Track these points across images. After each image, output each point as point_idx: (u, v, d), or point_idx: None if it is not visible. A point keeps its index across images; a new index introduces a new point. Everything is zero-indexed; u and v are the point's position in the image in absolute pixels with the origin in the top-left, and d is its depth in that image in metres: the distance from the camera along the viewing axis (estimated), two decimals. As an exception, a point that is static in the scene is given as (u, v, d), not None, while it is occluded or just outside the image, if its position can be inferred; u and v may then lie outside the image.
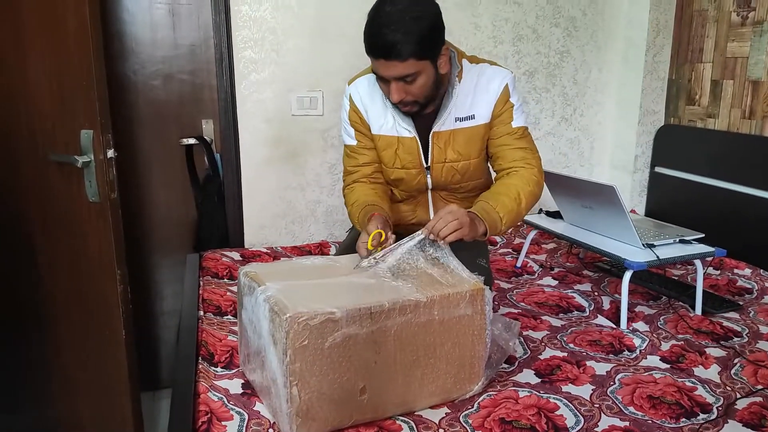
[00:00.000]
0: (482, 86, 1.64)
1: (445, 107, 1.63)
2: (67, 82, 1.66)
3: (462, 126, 1.65)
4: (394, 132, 1.68)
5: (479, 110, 1.65)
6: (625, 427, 1.27)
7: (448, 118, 1.64)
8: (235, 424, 1.26)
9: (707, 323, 1.79)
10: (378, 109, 1.68)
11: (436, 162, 1.69)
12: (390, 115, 1.66)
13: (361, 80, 1.72)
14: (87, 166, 1.66)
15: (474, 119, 1.65)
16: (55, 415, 2.02)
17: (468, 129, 1.66)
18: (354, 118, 1.72)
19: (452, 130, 1.65)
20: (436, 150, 1.67)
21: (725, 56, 2.55)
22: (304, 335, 1.16)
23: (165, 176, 2.54)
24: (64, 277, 1.85)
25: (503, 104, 1.65)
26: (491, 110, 1.65)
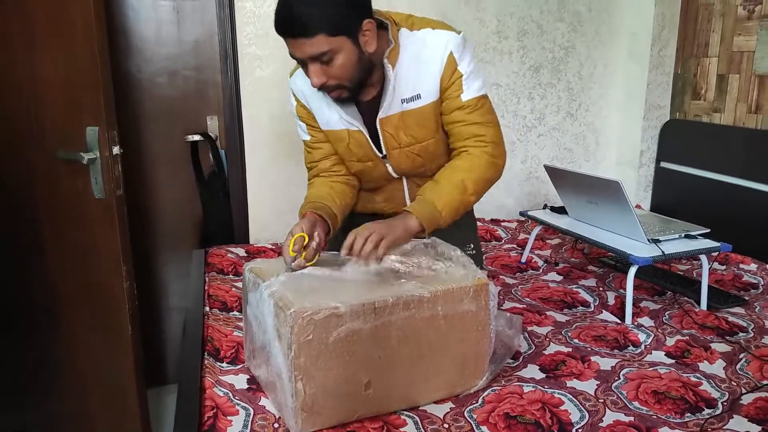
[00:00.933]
0: (425, 59, 1.44)
1: (385, 90, 1.45)
2: (73, 79, 1.67)
3: (409, 108, 1.47)
4: (342, 125, 1.52)
5: (425, 87, 1.46)
6: (629, 422, 1.27)
7: (393, 101, 1.46)
8: (241, 419, 1.26)
9: (712, 318, 1.78)
10: (320, 102, 1.53)
11: (391, 149, 1.53)
12: (333, 110, 1.50)
13: (298, 73, 1.55)
14: (93, 163, 1.67)
15: (420, 99, 1.47)
16: (62, 411, 2.04)
17: (416, 110, 1.48)
18: (301, 113, 1.60)
19: (400, 113, 1.48)
20: (387, 137, 1.51)
21: (731, 50, 2.53)
22: (308, 330, 1.16)
23: (170, 173, 2.55)
24: (71, 274, 1.86)
25: (450, 76, 1.45)
26: (438, 86, 1.46)
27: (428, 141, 1.52)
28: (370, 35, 1.37)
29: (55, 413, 2.05)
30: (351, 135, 1.53)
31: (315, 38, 1.30)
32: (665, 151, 2.83)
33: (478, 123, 1.49)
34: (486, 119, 1.50)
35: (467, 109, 1.48)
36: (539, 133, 2.87)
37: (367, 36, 1.37)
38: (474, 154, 1.48)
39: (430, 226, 1.41)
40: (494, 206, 2.87)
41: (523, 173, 2.90)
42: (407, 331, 1.26)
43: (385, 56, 1.42)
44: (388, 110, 1.48)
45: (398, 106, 1.48)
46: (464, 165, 1.48)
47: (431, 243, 1.43)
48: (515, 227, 2.69)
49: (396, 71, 1.44)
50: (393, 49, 1.43)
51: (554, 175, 2.12)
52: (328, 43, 1.31)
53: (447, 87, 1.46)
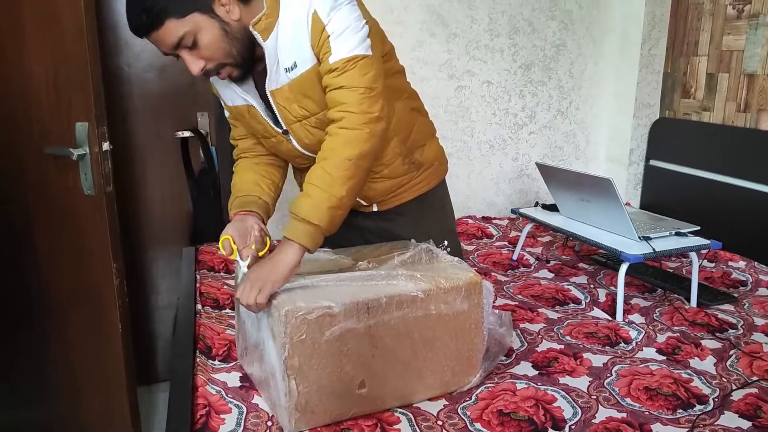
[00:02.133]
0: (291, 25, 1.30)
1: (267, 61, 1.34)
2: (62, 74, 1.65)
3: (293, 77, 1.35)
4: (241, 101, 1.44)
5: (299, 54, 1.32)
6: (622, 418, 1.28)
7: (277, 71, 1.35)
8: (234, 417, 1.25)
9: (702, 315, 1.80)
10: (221, 83, 1.44)
11: (289, 124, 1.42)
12: (232, 88, 1.42)
13: None
14: (82, 159, 1.66)
15: (297, 67, 1.33)
16: (52, 409, 2.02)
17: (297, 80, 1.34)
18: (213, 90, 1.54)
19: (288, 84, 1.36)
20: (282, 111, 1.40)
21: (721, 49, 2.55)
22: (302, 329, 1.16)
23: (160, 169, 2.52)
24: (61, 271, 1.84)
25: (318, 38, 1.29)
26: (310, 51, 1.31)
27: (322, 112, 1.37)
28: (228, 2, 1.27)
29: (45, 411, 2.03)
30: (249, 111, 1.44)
31: (165, 26, 1.22)
32: (655, 149, 2.85)
33: (342, 87, 1.29)
34: (353, 83, 1.28)
35: (334, 72, 1.29)
36: (530, 131, 2.88)
37: (225, 4, 1.26)
38: (334, 135, 1.29)
39: (314, 242, 1.26)
40: (485, 204, 2.88)
41: (514, 171, 2.91)
42: (401, 330, 1.26)
43: (251, 25, 1.30)
44: (276, 83, 1.37)
45: (284, 77, 1.35)
46: (323, 152, 1.29)
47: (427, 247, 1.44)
48: (506, 225, 2.70)
49: (274, 38, 1.31)
50: (265, 14, 1.30)
51: (546, 172, 2.12)
52: (181, 25, 1.23)
53: (318, 51, 1.31)
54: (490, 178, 2.87)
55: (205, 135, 2.52)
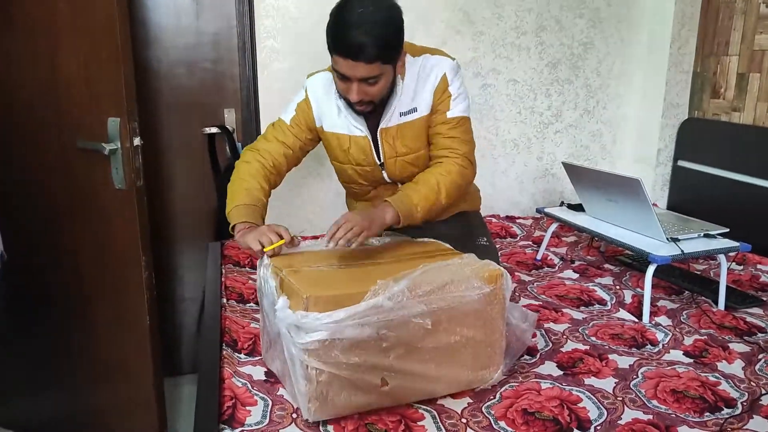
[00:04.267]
0: (422, 78, 1.63)
1: (389, 104, 1.61)
2: (95, 70, 1.68)
3: (406, 120, 1.64)
4: (346, 131, 1.67)
5: (420, 103, 1.64)
6: (648, 420, 1.27)
7: (393, 114, 1.63)
8: (260, 409, 1.27)
9: (730, 318, 1.77)
10: (332, 107, 1.66)
11: (388, 158, 1.68)
12: (342, 116, 1.65)
13: (318, 77, 1.70)
14: (114, 154, 1.68)
15: (416, 112, 1.64)
16: (79, 399, 2.06)
17: (411, 122, 1.64)
18: (302, 108, 1.70)
19: (398, 125, 1.64)
20: (386, 146, 1.66)
21: (752, 49, 2.51)
22: None
23: (187, 164, 2.55)
24: (91, 263, 1.88)
25: (441, 94, 1.63)
26: (431, 101, 1.64)
27: (421, 152, 1.68)
28: (401, 62, 1.57)
29: (72, 402, 2.07)
30: (353, 141, 1.67)
31: (372, 65, 1.45)
32: (683, 149, 2.81)
33: (454, 138, 1.65)
34: (464, 137, 1.67)
35: (449, 124, 1.64)
36: (556, 130, 2.86)
37: (400, 62, 1.56)
38: (447, 163, 1.63)
39: (406, 218, 1.53)
40: (509, 203, 2.87)
41: (539, 170, 2.89)
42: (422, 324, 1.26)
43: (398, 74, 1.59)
44: (389, 122, 1.64)
45: (397, 119, 1.64)
46: (438, 170, 1.62)
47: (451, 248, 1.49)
48: (530, 224, 2.68)
49: (400, 89, 1.60)
50: (402, 66, 1.60)
51: (572, 172, 2.11)
52: (379, 69, 1.47)
53: (438, 103, 1.64)
54: (515, 177, 2.86)
55: (232, 131, 2.54)
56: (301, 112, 1.70)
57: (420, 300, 1.24)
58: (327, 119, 1.68)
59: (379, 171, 1.71)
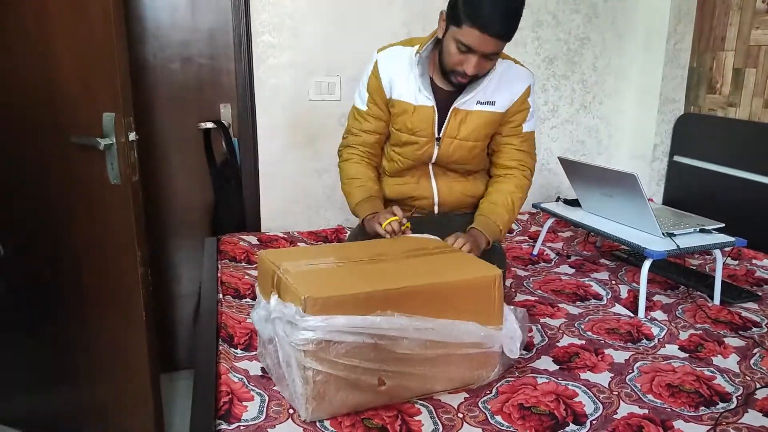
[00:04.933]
0: (506, 80, 1.70)
1: (472, 88, 1.67)
2: (89, 64, 1.67)
3: (481, 109, 1.70)
4: (413, 99, 1.71)
5: (500, 98, 1.71)
6: (644, 414, 1.27)
7: (473, 98, 1.68)
8: (256, 405, 1.27)
9: (726, 313, 1.78)
10: (403, 77, 1.71)
11: (447, 135, 1.73)
12: (412, 84, 1.70)
13: (391, 50, 1.75)
14: (109, 149, 1.68)
15: (494, 105, 1.71)
16: (75, 395, 2.06)
17: (486, 113, 1.71)
18: (373, 84, 1.75)
19: (471, 110, 1.70)
20: (451, 124, 1.71)
21: (748, 44, 2.51)
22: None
23: (183, 160, 2.55)
24: (86, 259, 1.87)
25: (521, 103, 1.73)
26: (509, 105, 1.72)
27: (479, 143, 1.75)
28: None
29: (69, 397, 2.07)
30: (417, 110, 1.71)
31: (503, 41, 1.52)
32: (679, 145, 2.81)
33: (526, 152, 1.80)
34: (532, 151, 1.83)
35: (522, 137, 1.77)
36: (552, 125, 2.86)
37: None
38: (519, 180, 1.78)
39: (494, 240, 1.71)
40: (505, 198, 2.87)
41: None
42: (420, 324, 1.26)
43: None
44: (464, 104, 1.69)
45: (472, 104, 1.70)
46: (512, 189, 1.77)
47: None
48: (527, 219, 2.69)
49: (487, 77, 1.66)
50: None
51: (568, 167, 2.11)
52: (503, 45, 1.54)
53: (515, 111, 1.74)
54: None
55: (228, 126, 2.54)
56: (374, 91, 1.75)
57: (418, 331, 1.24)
58: (397, 88, 1.72)
59: (432, 147, 1.75)
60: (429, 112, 1.71)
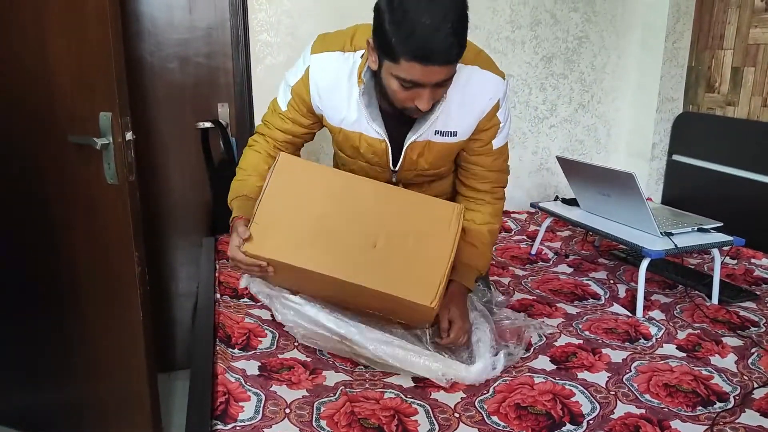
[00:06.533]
0: (469, 98, 1.42)
1: (426, 117, 1.39)
2: (86, 63, 1.66)
3: (439, 140, 1.46)
4: (358, 128, 1.45)
5: (462, 126, 1.46)
6: (641, 414, 1.27)
7: (429, 129, 1.42)
8: (253, 405, 1.27)
9: (724, 312, 1.78)
10: (341, 99, 1.43)
11: (405, 169, 1.52)
12: (354, 110, 1.42)
13: (327, 57, 1.43)
14: (106, 148, 1.67)
15: (455, 136, 1.46)
16: (73, 395, 2.05)
17: (445, 145, 1.47)
18: (300, 92, 1.48)
19: (429, 141, 1.45)
20: (407, 158, 1.48)
21: (747, 43, 2.51)
22: None
23: (180, 159, 2.54)
24: (83, 258, 1.87)
25: (489, 121, 1.47)
26: (475, 126, 1.47)
27: (441, 170, 1.57)
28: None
29: (66, 397, 2.07)
30: (364, 140, 1.47)
31: (452, 66, 1.24)
32: (678, 144, 2.81)
33: (500, 171, 1.58)
34: (506, 167, 1.60)
35: (494, 155, 1.54)
36: (551, 125, 2.86)
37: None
38: (492, 203, 1.59)
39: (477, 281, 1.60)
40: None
41: (533, 164, 2.89)
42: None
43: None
44: (420, 135, 1.43)
45: (430, 134, 1.44)
46: (486, 218, 1.57)
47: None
48: (525, 219, 2.68)
49: (442, 104, 1.38)
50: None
51: (566, 166, 2.10)
52: (454, 69, 1.26)
53: (482, 130, 1.49)
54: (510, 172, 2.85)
55: (225, 126, 2.53)
56: (299, 100, 1.49)
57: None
58: (333, 113, 1.46)
59: (388, 174, 1.54)
60: (381, 147, 1.47)
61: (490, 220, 1.57)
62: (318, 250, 1.33)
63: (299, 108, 1.51)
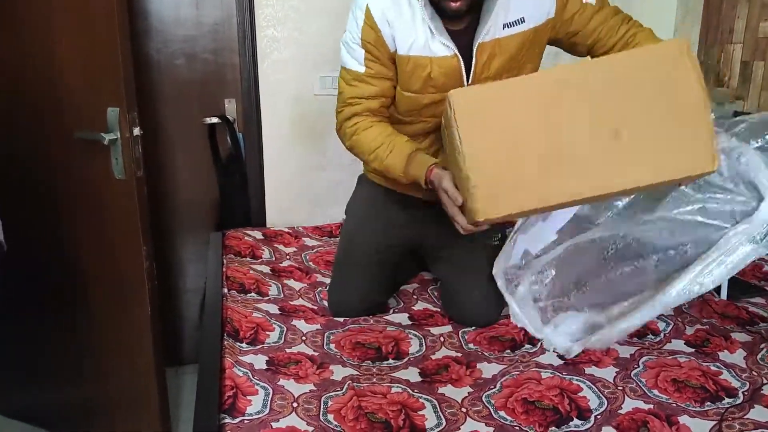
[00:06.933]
0: None
1: (488, 11, 1.36)
2: (94, 59, 1.67)
3: (510, 33, 1.40)
4: (428, 51, 1.41)
5: (527, 8, 1.39)
6: (649, 409, 1.27)
7: (494, 24, 1.38)
8: (260, 399, 1.27)
9: (732, 308, 1.76)
10: (406, 23, 1.40)
11: (478, 79, 1.43)
12: (421, 30, 1.39)
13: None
14: (113, 144, 1.68)
15: (524, 23, 1.40)
16: (81, 390, 2.07)
17: (516, 36, 1.40)
18: (370, 38, 1.43)
19: (497, 40, 1.40)
20: (479, 65, 1.41)
21: (757, 36, 2.48)
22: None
23: (187, 155, 2.55)
24: (91, 254, 1.88)
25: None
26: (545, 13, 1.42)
27: (523, 71, 1.45)
28: None
29: (74, 392, 2.08)
30: (435, 63, 1.42)
31: None
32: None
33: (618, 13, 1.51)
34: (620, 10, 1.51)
35: (598, 7, 1.47)
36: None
37: None
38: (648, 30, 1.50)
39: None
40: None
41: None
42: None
43: None
44: (487, 34, 1.39)
45: (498, 31, 1.40)
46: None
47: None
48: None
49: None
50: None
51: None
52: None
53: (562, 6, 1.43)
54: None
55: (233, 121, 2.54)
56: (371, 46, 1.44)
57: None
58: (402, 40, 1.42)
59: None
60: (453, 63, 1.41)
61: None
62: (560, 176, 1.14)
63: (379, 57, 1.46)
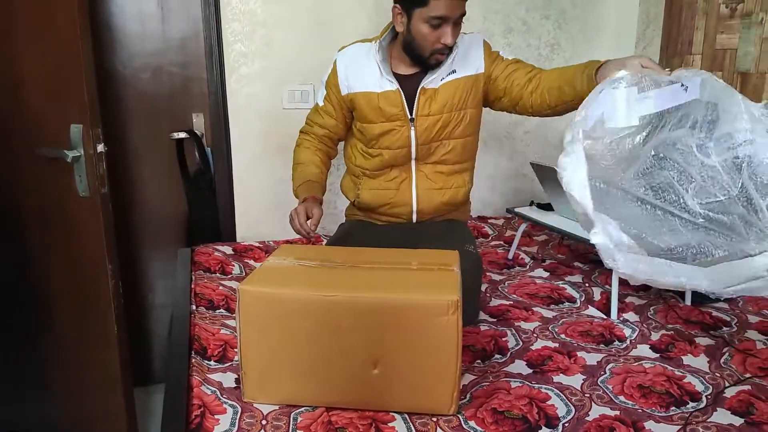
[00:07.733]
0: (462, 52, 1.81)
1: (433, 72, 1.78)
2: (56, 75, 1.65)
3: (445, 81, 1.79)
4: (376, 87, 1.81)
5: (461, 68, 1.80)
6: (615, 416, 1.28)
7: (437, 77, 1.78)
8: (228, 417, 1.26)
9: (697, 313, 1.80)
10: (362, 68, 1.82)
11: (420, 114, 1.81)
12: (374, 72, 1.80)
13: (350, 47, 1.88)
14: (77, 161, 1.66)
15: (455, 73, 1.80)
16: (49, 410, 2.02)
17: (450, 83, 1.79)
18: (331, 81, 1.87)
19: (438, 87, 1.79)
20: (421, 103, 1.80)
21: (714, 48, 2.56)
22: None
23: (155, 170, 2.53)
24: (56, 272, 1.85)
25: (488, 57, 1.83)
26: (474, 71, 1.81)
27: (453, 113, 1.81)
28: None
29: (40, 412, 2.03)
30: (382, 96, 1.81)
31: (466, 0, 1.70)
32: (650, 147, 2.85)
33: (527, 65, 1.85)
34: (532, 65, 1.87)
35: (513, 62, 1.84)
36: (525, 130, 2.89)
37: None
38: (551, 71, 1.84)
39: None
40: (481, 203, 2.89)
41: (509, 170, 2.91)
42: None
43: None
44: (430, 83, 1.79)
45: (437, 83, 1.79)
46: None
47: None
48: (502, 224, 2.70)
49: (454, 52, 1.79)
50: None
51: (540, 172, 2.13)
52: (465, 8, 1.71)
53: (491, 63, 1.82)
54: (486, 177, 2.87)
55: (201, 136, 2.52)
56: (331, 88, 1.88)
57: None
58: (356, 81, 1.83)
59: (408, 130, 1.82)
60: (395, 96, 1.80)
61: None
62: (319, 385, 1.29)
63: (331, 99, 1.88)
